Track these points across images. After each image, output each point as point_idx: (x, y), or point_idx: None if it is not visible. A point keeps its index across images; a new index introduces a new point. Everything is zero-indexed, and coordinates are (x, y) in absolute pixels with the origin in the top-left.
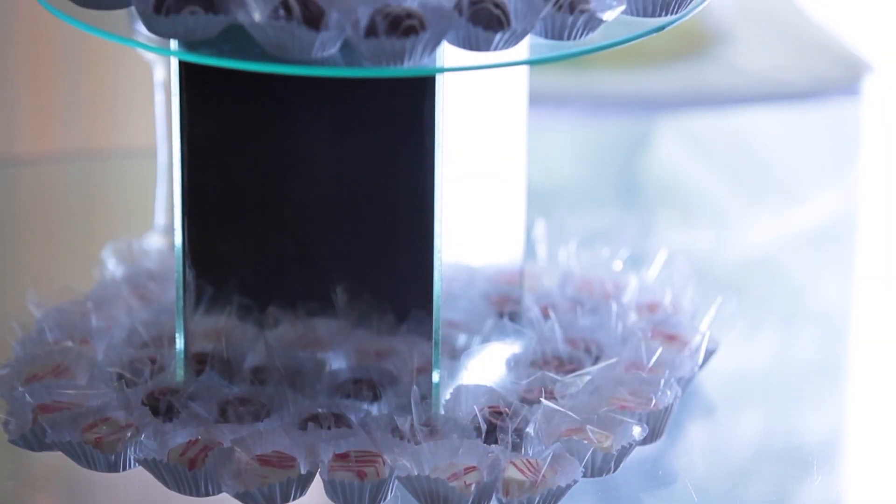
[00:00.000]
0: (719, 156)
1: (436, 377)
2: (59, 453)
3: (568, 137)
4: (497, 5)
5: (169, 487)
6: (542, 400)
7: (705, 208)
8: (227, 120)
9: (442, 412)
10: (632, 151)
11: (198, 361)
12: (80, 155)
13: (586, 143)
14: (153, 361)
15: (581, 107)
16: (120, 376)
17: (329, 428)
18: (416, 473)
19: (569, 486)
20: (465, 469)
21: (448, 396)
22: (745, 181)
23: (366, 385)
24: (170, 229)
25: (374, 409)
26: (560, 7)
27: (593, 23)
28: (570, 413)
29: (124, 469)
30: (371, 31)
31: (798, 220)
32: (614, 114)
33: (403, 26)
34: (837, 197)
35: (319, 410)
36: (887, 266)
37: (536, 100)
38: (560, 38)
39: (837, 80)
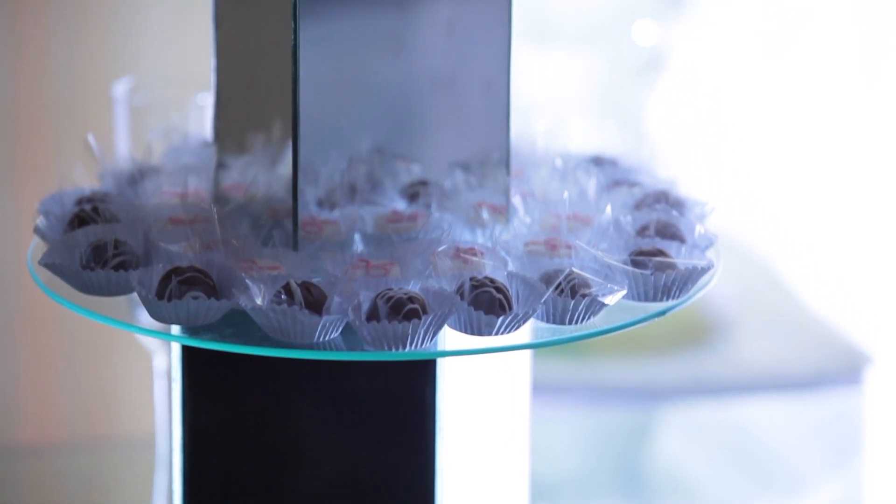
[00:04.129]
0: (721, 446)
1: None
2: None
3: (569, 426)
4: (499, 290)
5: None
6: None
7: (708, 499)
8: (228, 404)
9: None
10: (633, 441)
11: None
12: (79, 443)
13: (588, 432)
14: None
15: (582, 395)
16: None
17: None
18: None
19: None
20: None
21: None
22: (747, 472)
23: None
24: None
25: None
26: (562, 291)
27: (595, 307)
28: None
29: None
30: (373, 315)
31: None
32: (616, 403)
33: (405, 311)
34: (840, 488)
35: None
36: None
37: (537, 387)
38: (562, 322)
39: (838, 371)
